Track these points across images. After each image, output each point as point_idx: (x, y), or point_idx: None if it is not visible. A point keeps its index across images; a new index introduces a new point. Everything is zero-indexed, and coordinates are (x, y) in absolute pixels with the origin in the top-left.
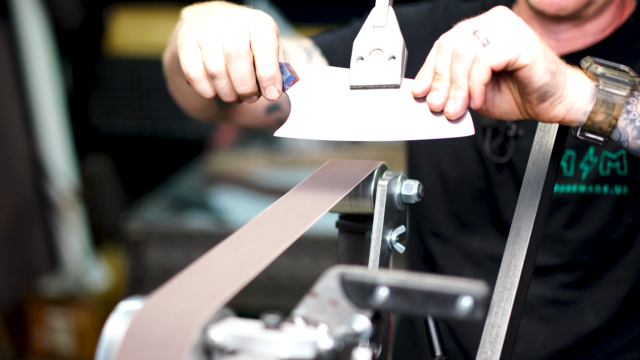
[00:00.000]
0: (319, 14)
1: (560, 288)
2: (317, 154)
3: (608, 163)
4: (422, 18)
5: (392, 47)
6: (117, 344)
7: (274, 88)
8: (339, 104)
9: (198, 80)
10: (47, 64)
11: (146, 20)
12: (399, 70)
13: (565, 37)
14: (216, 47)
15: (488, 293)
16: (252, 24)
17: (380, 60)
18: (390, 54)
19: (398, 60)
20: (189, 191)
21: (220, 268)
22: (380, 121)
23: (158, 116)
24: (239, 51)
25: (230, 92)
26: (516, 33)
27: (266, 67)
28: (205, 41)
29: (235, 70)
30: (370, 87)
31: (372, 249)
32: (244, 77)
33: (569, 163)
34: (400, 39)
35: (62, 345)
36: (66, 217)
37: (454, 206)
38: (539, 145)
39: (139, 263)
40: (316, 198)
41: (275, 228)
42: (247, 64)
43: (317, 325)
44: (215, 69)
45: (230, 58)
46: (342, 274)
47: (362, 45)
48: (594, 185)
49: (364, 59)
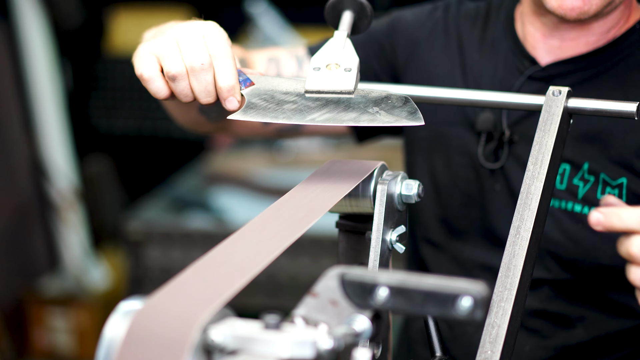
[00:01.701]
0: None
1: (548, 301)
2: (317, 154)
3: (607, 188)
4: (420, 20)
5: (349, 61)
6: (117, 344)
7: (233, 99)
8: (291, 100)
9: (152, 80)
10: (47, 64)
11: (146, 20)
12: (354, 80)
13: (570, 35)
14: (174, 54)
15: (488, 293)
16: (206, 36)
17: (336, 71)
18: (347, 67)
19: (354, 72)
20: (189, 191)
21: (220, 268)
22: (328, 111)
23: (158, 116)
24: (203, 65)
25: (189, 93)
26: None
27: (226, 79)
28: (161, 50)
29: (200, 82)
30: (325, 93)
31: (372, 249)
32: (208, 89)
33: (562, 177)
34: (357, 57)
35: (62, 345)
36: (66, 217)
37: (444, 212)
38: (539, 145)
39: (139, 263)
40: (316, 198)
41: (275, 228)
42: (211, 76)
43: (317, 325)
44: (176, 70)
45: (194, 71)
46: (342, 274)
47: (320, 59)
48: (589, 208)
49: (321, 69)
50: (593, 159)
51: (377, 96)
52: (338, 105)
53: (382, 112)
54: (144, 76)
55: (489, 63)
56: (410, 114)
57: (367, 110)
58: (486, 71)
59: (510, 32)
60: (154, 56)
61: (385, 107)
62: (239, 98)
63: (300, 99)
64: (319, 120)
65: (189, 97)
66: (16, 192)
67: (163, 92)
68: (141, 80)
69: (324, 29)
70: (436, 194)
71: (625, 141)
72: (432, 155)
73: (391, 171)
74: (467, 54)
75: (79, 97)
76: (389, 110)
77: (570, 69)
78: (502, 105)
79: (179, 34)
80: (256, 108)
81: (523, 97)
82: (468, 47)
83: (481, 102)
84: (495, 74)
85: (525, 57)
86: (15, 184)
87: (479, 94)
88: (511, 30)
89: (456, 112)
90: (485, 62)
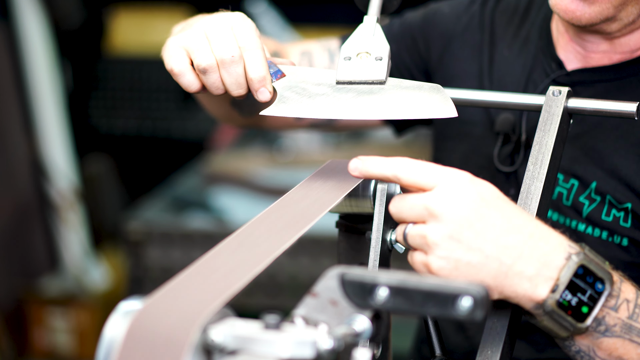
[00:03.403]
0: (319, 14)
1: None
2: (317, 154)
3: (612, 210)
4: (456, 14)
5: (379, 50)
6: (117, 344)
7: (265, 90)
8: (323, 92)
9: (183, 74)
10: (47, 64)
11: (146, 20)
12: (385, 69)
13: (593, 48)
14: (204, 47)
15: (488, 293)
16: (234, 27)
17: (367, 60)
18: (378, 55)
19: (384, 61)
20: (189, 191)
21: (220, 268)
22: (362, 104)
23: (158, 116)
24: (234, 57)
25: (220, 86)
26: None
27: (257, 70)
28: (191, 44)
29: (231, 75)
30: (356, 83)
31: (372, 249)
32: (239, 81)
33: (570, 192)
34: (387, 45)
35: (62, 345)
36: (66, 217)
37: None
38: (539, 145)
39: (139, 263)
40: (316, 198)
41: (276, 228)
42: (242, 68)
43: (317, 325)
44: (206, 63)
45: (225, 64)
46: (342, 274)
47: (350, 48)
48: (593, 228)
49: (352, 59)
50: (602, 180)
51: (409, 86)
52: (371, 97)
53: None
54: (174, 70)
55: (517, 61)
56: (443, 105)
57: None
58: (513, 70)
59: (546, 30)
60: (183, 50)
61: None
62: (270, 89)
63: (332, 90)
64: (352, 115)
65: (220, 89)
66: (16, 192)
67: (194, 86)
68: (172, 74)
69: (324, 29)
70: None
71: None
72: (453, 153)
73: None
74: (498, 51)
75: (79, 97)
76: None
77: (594, 78)
78: (502, 105)
79: (208, 27)
80: (288, 102)
81: (523, 97)
82: (500, 43)
83: (481, 102)
84: (522, 73)
85: (553, 59)
86: (15, 184)
87: (479, 94)
88: (547, 29)
89: (480, 111)
90: (514, 60)
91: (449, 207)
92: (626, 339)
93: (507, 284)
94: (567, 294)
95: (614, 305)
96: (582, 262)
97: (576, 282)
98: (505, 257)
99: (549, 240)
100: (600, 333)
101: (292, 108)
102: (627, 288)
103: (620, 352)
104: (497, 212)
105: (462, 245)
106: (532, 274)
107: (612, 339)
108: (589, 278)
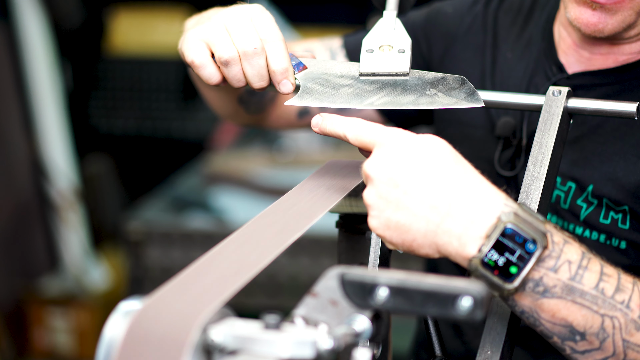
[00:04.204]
0: (319, 14)
1: None
2: (317, 154)
3: (610, 212)
4: (459, 14)
5: (401, 42)
6: (117, 344)
7: (287, 82)
8: (347, 84)
9: (204, 66)
10: (47, 64)
11: (146, 20)
12: (408, 61)
13: (600, 51)
14: (224, 39)
15: (488, 293)
16: (254, 19)
17: (390, 53)
18: (400, 48)
19: (407, 53)
20: (189, 191)
21: (220, 268)
22: (386, 94)
23: (158, 116)
24: (256, 49)
25: (241, 78)
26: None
27: (279, 62)
28: (211, 36)
29: (253, 67)
30: (380, 75)
31: (372, 249)
32: (261, 73)
33: (567, 195)
34: (409, 38)
35: (62, 345)
36: (66, 217)
37: None
38: (539, 145)
39: (139, 263)
40: (316, 198)
41: (275, 228)
42: (264, 60)
43: (317, 325)
44: (229, 55)
45: (247, 56)
46: (342, 274)
47: (372, 41)
48: (591, 231)
49: (374, 51)
50: (599, 182)
51: (433, 77)
52: (395, 88)
53: (440, 94)
54: (195, 62)
55: (520, 64)
56: (469, 95)
57: (424, 92)
58: (516, 72)
59: (548, 33)
60: (203, 42)
61: (443, 88)
62: (293, 81)
63: (355, 82)
64: (377, 104)
65: (241, 82)
66: (16, 192)
67: (215, 78)
68: (192, 66)
69: (324, 29)
70: None
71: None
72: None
73: None
74: (501, 52)
75: (79, 97)
76: (446, 91)
77: (595, 81)
78: (502, 105)
79: (227, 19)
80: (312, 93)
81: (523, 97)
82: (502, 45)
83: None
84: (524, 76)
85: (554, 62)
86: (15, 184)
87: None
88: (549, 31)
89: (481, 114)
90: (516, 63)
91: (378, 168)
92: (568, 300)
93: (438, 242)
94: (493, 253)
95: (552, 267)
96: (511, 221)
97: (503, 241)
98: (433, 216)
99: (484, 199)
100: (539, 294)
101: (317, 98)
102: (571, 249)
103: (564, 314)
104: (429, 171)
105: (390, 205)
106: (460, 232)
107: (552, 299)
108: (518, 238)
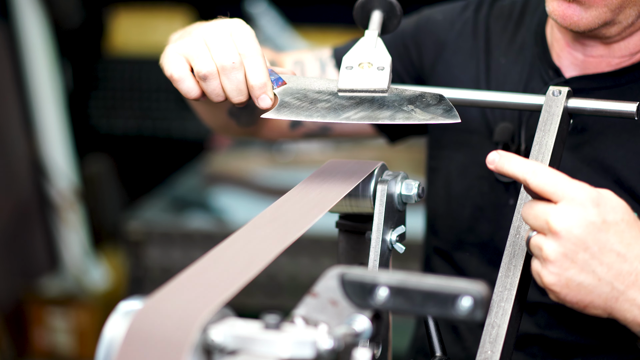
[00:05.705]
0: (319, 15)
1: (548, 328)
2: (317, 154)
3: None
4: (449, 20)
5: (381, 60)
6: (117, 344)
7: (265, 96)
8: (325, 99)
9: (182, 80)
10: (47, 64)
11: (146, 20)
12: (387, 78)
13: (592, 52)
14: (203, 54)
15: (488, 293)
16: (233, 34)
17: (369, 70)
18: (380, 65)
19: (387, 70)
20: (189, 191)
21: (220, 268)
22: (363, 109)
23: (158, 116)
24: (234, 63)
25: (220, 93)
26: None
27: (258, 77)
28: (190, 50)
29: (232, 81)
30: (358, 91)
31: (372, 249)
32: (239, 88)
33: None
34: (389, 56)
35: (62, 345)
36: (66, 217)
37: (455, 223)
38: (539, 145)
39: (139, 263)
40: (316, 198)
41: (275, 228)
42: (242, 75)
43: (317, 325)
44: (207, 70)
45: (225, 70)
46: (342, 274)
47: (352, 58)
48: None
49: (353, 68)
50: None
51: (411, 94)
52: (372, 104)
53: (417, 110)
54: (174, 76)
55: (514, 69)
56: (446, 112)
57: (402, 108)
58: (511, 77)
59: (541, 36)
60: (182, 57)
61: (420, 105)
62: (271, 96)
63: (333, 97)
64: (354, 119)
65: (220, 96)
66: (16, 192)
67: (194, 92)
68: (172, 80)
69: (324, 29)
70: (449, 203)
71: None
72: (450, 162)
73: (391, 171)
74: (494, 58)
75: (79, 97)
76: (424, 108)
77: (593, 85)
78: (501, 105)
79: (207, 34)
80: (290, 107)
81: (523, 97)
82: (495, 50)
83: (481, 102)
84: (519, 80)
85: (550, 66)
86: (15, 184)
87: (478, 94)
88: (542, 34)
89: (478, 120)
90: (510, 67)
91: (568, 226)
92: None
93: (616, 308)
94: None
95: None
96: None
97: None
98: (618, 283)
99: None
100: None
101: (293, 112)
102: None
103: None
104: (616, 237)
105: (575, 266)
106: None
107: None
108: None
